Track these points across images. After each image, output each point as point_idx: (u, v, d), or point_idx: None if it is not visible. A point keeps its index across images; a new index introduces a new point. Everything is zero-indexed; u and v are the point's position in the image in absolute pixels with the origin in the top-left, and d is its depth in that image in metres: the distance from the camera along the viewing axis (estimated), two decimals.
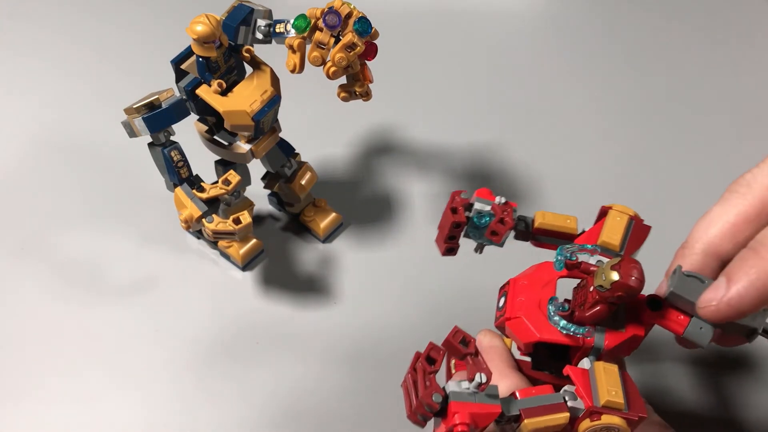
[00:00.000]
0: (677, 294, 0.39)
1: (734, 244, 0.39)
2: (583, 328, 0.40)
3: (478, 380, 0.37)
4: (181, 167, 0.59)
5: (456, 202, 0.44)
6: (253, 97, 0.55)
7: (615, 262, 0.38)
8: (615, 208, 0.44)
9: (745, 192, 0.39)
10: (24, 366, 0.60)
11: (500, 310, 0.44)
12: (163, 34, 0.77)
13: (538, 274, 0.44)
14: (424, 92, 0.80)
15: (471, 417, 0.36)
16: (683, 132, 0.78)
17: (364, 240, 0.68)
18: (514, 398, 0.39)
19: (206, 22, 0.51)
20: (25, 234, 0.67)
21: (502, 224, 0.43)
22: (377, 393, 0.59)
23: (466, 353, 0.38)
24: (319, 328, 0.63)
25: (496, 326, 0.45)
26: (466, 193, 0.44)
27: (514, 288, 0.44)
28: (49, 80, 0.79)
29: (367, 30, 0.53)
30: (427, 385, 0.37)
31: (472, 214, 0.44)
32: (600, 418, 0.38)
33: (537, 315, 0.42)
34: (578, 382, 0.39)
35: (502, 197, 0.44)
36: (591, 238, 0.44)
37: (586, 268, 0.41)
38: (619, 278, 0.38)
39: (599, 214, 0.45)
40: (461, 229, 0.44)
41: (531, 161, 0.74)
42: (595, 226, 0.45)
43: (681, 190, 0.72)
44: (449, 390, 0.38)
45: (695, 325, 0.40)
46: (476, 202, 0.44)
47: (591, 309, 0.40)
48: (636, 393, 0.39)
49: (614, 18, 0.89)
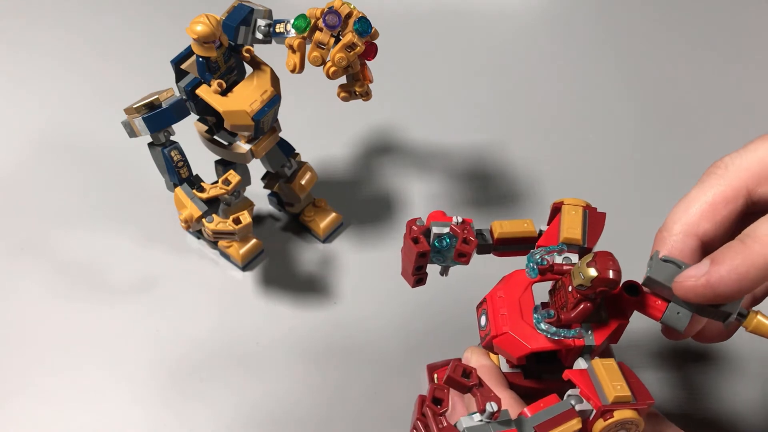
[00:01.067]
0: (654, 279, 0.40)
1: (713, 224, 0.40)
2: (572, 331, 0.41)
3: (490, 410, 0.37)
4: (181, 167, 0.58)
5: (414, 232, 0.43)
6: (253, 97, 0.55)
7: (589, 258, 0.39)
8: (566, 202, 0.45)
9: (722, 173, 0.40)
10: (24, 365, 0.60)
11: (484, 329, 0.44)
12: (163, 34, 0.77)
13: (512, 283, 0.44)
14: (424, 92, 0.80)
15: None
16: (683, 131, 0.78)
17: (364, 240, 0.68)
18: (524, 417, 0.38)
19: (206, 22, 0.51)
20: (25, 234, 0.67)
21: (467, 244, 0.43)
22: (377, 393, 0.59)
23: (471, 385, 0.38)
24: (319, 328, 0.63)
25: (483, 346, 0.45)
26: (420, 220, 0.44)
27: (492, 303, 0.44)
28: (49, 80, 0.79)
29: (367, 30, 0.53)
30: (441, 428, 0.37)
31: (431, 239, 0.43)
32: (613, 415, 0.38)
33: (522, 326, 0.42)
34: (581, 384, 0.39)
35: (458, 216, 0.44)
36: (551, 237, 0.44)
37: (558, 269, 0.42)
38: (597, 273, 0.38)
39: (552, 211, 0.46)
40: (427, 258, 0.44)
41: (531, 161, 0.74)
42: (552, 224, 0.45)
43: (681, 190, 0.72)
44: (464, 426, 0.37)
45: (673, 310, 0.40)
46: (433, 226, 0.43)
47: (576, 309, 0.40)
48: (637, 381, 0.39)
49: (614, 18, 0.89)
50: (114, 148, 0.72)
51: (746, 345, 0.60)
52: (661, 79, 0.83)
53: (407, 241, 0.43)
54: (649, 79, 0.82)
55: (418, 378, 0.60)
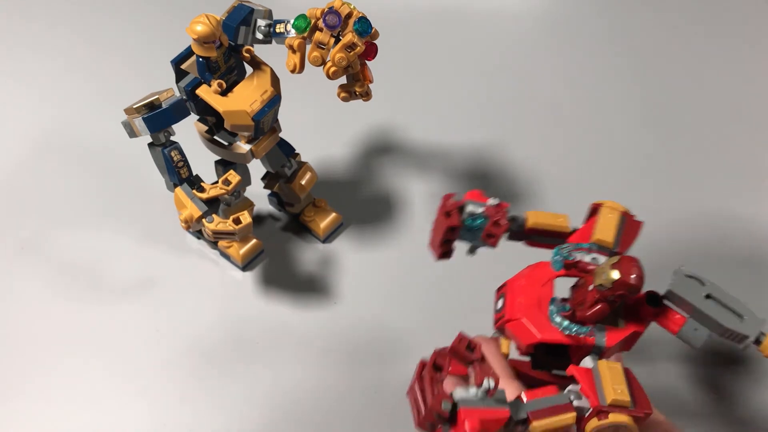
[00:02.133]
0: (676, 293, 0.40)
1: None
2: (585, 328, 0.40)
3: (486, 385, 0.37)
4: (181, 167, 0.58)
5: (448, 206, 0.43)
6: (253, 97, 0.55)
7: (615, 260, 0.39)
8: (606, 204, 0.44)
9: None
10: (24, 364, 0.60)
11: (499, 312, 0.44)
12: (163, 34, 0.77)
13: (535, 274, 0.44)
14: (424, 92, 0.80)
15: (481, 423, 0.36)
16: (683, 131, 0.78)
17: (364, 240, 0.68)
18: (521, 401, 0.39)
19: (206, 23, 0.51)
20: (25, 234, 0.67)
21: (498, 227, 0.43)
22: (377, 392, 0.59)
23: (472, 359, 0.38)
24: (319, 328, 0.63)
25: (496, 328, 0.44)
26: (457, 196, 0.44)
27: (512, 289, 0.44)
28: (50, 80, 0.79)
29: (367, 30, 0.53)
30: (436, 393, 0.37)
31: (464, 216, 0.43)
32: (607, 417, 0.38)
33: (537, 316, 0.42)
34: (583, 382, 0.39)
35: (495, 198, 0.44)
36: (584, 236, 0.44)
37: (583, 267, 0.41)
38: (620, 277, 0.38)
39: (590, 211, 0.45)
40: (456, 233, 0.44)
41: (531, 161, 0.74)
42: (587, 223, 0.45)
43: (681, 189, 0.72)
44: (458, 397, 0.37)
45: (690, 326, 0.40)
46: (468, 204, 0.43)
47: (592, 308, 0.40)
48: (640, 389, 0.39)
49: (614, 18, 0.89)
50: (114, 149, 0.72)
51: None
52: (661, 78, 0.83)
53: (439, 213, 0.43)
54: (649, 79, 0.82)
55: None
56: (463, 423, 0.36)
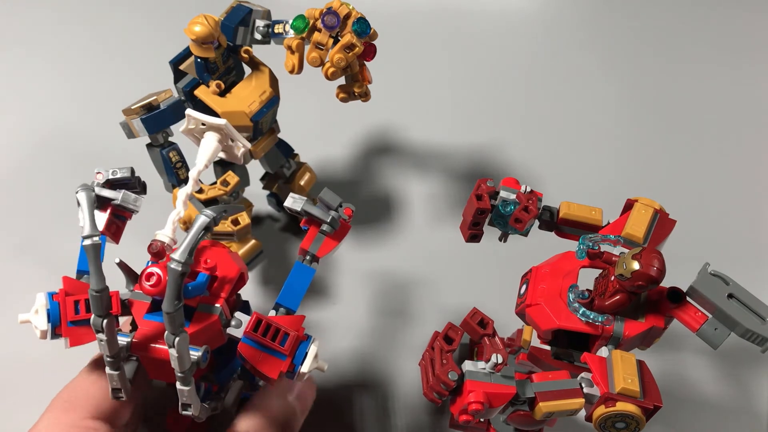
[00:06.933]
0: (698, 290, 0.40)
1: None
2: (602, 316, 0.41)
3: (494, 360, 0.38)
4: (179, 168, 0.58)
5: (481, 189, 0.45)
6: (252, 98, 0.55)
7: (636, 251, 0.39)
8: (640, 201, 0.45)
9: None
10: (24, 365, 0.60)
11: (521, 297, 0.45)
12: (162, 35, 0.77)
13: (561, 263, 0.44)
14: (424, 92, 0.80)
15: (486, 396, 0.37)
16: (683, 130, 0.78)
17: (364, 240, 0.68)
18: (530, 381, 0.39)
19: (204, 23, 0.51)
20: (25, 234, 0.67)
21: (526, 212, 0.45)
22: (377, 392, 0.59)
23: (483, 334, 0.40)
24: (319, 328, 0.62)
25: (517, 313, 0.45)
26: (492, 181, 0.45)
27: (536, 276, 0.44)
28: (48, 81, 0.79)
29: (365, 31, 0.53)
30: (444, 363, 0.38)
31: (497, 202, 0.45)
32: (615, 405, 0.38)
33: (557, 302, 0.42)
34: (595, 369, 0.39)
35: (528, 186, 0.45)
36: (615, 231, 0.44)
37: (608, 258, 0.42)
38: (639, 267, 0.38)
39: (625, 207, 0.46)
40: (486, 216, 0.45)
41: (531, 161, 0.74)
42: (620, 218, 0.45)
43: (681, 189, 0.72)
44: (465, 369, 0.38)
45: (711, 325, 0.40)
46: (502, 190, 0.45)
47: (611, 298, 0.40)
48: (652, 382, 0.39)
49: (614, 19, 0.88)
50: (113, 149, 0.72)
51: None
52: (661, 79, 0.82)
53: (472, 196, 0.45)
54: (649, 80, 0.82)
55: (419, 377, 0.59)
56: (468, 394, 0.37)
